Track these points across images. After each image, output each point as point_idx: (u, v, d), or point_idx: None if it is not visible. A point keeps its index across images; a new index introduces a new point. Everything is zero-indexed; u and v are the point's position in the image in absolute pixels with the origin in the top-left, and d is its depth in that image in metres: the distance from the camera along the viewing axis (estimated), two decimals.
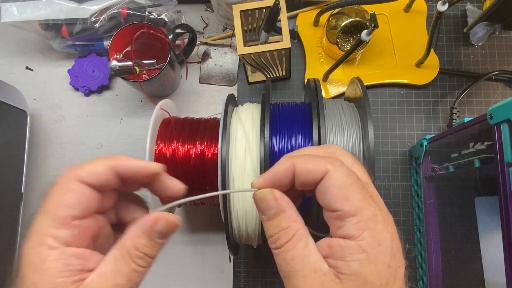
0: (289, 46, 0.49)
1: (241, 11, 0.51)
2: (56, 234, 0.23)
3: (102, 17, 0.58)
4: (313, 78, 0.49)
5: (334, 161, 0.24)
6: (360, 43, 0.50)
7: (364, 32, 0.49)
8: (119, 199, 0.28)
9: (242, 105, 0.50)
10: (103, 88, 0.64)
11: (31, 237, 0.23)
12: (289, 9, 0.63)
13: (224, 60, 0.65)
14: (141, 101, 0.64)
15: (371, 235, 0.22)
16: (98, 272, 0.23)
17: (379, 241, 0.22)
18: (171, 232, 0.26)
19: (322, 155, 0.25)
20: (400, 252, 0.23)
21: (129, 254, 0.24)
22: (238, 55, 0.50)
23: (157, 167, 0.27)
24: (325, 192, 0.24)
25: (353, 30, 0.60)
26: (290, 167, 0.25)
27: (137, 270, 0.24)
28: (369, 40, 0.50)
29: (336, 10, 0.58)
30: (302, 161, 0.24)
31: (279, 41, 0.50)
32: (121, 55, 0.57)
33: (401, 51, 0.61)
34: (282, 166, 0.25)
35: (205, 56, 0.65)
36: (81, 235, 0.24)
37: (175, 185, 0.28)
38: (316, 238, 0.25)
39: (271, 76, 0.60)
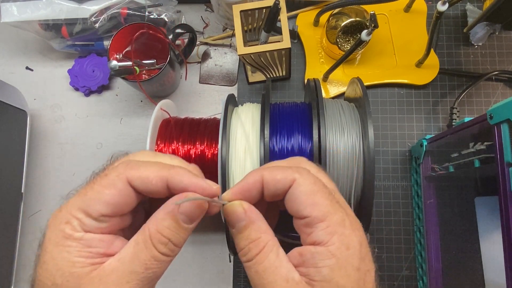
0: (289, 46, 0.49)
1: (241, 11, 0.51)
2: (82, 220, 0.23)
3: (102, 17, 0.58)
4: (313, 78, 0.49)
5: (300, 170, 0.25)
6: (360, 43, 0.50)
7: (364, 32, 0.49)
8: None
9: (242, 105, 0.50)
10: (103, 88, 0.64)
11: (60, 212, 0.23)
12: (289, 9, 0.63)
13: (224, 60, 0.65)
14: (141, 101, 0.64)
15: (340, 239, 0.23)
16: (118, 256, 0.23)
17: (347, 245, 0.23)
18: (199, 215, 0.24)
19: (289, 166, 0.25)
20: (369, 256, 0.24)
21: (151, 238, 0.23)
22: (238, 55, 0.50)
23: (216, 190, 0.24)
24: (293, 200, 0.24)
25: (353, 30, 0.60)
26: (259, 178, 0.25)
27: (157, 257, 0.23)
28: (369, 40, 0.50)
29: (336, 10, 0.58)
30: (270, 171, 0.25)
31: (279, 41, 0.50)
32: (121, 55, 0.57)
33: (401, 51, 0.61)
34: (251, 178, 0.25)
35: (205, 56, 0.65)
36: (107, 229, 0.24)
37: (211, 185, 0.25)
38: (287, 248, 0.25)
39: (271, 76, 0.60)
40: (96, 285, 0.22)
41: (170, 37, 0.57)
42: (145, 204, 0.28)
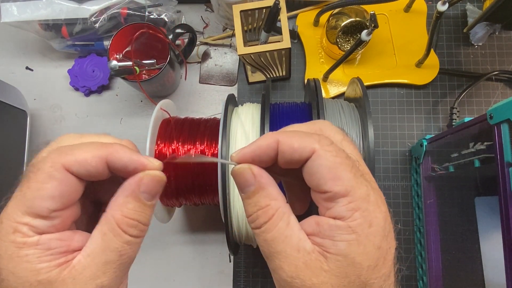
0: (289, 46, 0.49)
1: (241, 11, 0.51)
2: (31, 223, 0.21)
3: (102, 17, 0.58)
4: (313, 78, 0.49)
5: (322, 139, 0.22)
6: (360, 43, 0.50)
7: (364, 32, 0.49)
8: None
9: (242, 105, 0.50)
10: (103, 88, 0.64)
11: (2, 224, 0.21)
12: (289, 9, 0.63)
13: (224, 60, 0.65)
14: (141, 101, 0.64)
15: (363, 215, 0.21)
16: (85, 251, 0.22)
17: (370, 222, 0.21)
18: (159, 189, 0.23)
19: (308, 133, 0.23)
20: (391, 232, 0.22)
21: (118, 224, 0.22)
22: (238, 55, 0.50)
23: (157, 166, 0.23)
24: (313, 173, 0.22)
25: (353, 30, 0.60)
26: (273, 143, 0.23)
27: (130, 241, 0.22)
28: (369, 40, 0.50)
29: (336, 10, 0.58)
30: (287, 137, 0.22)
31: (279, 41, 0.50)
32: (121, 55, 0.57)
33: (401, 51, 0.61)
34: (265, 141, 0.23)
35: (205, 56, 0.65)
36: (61, 224, 0.22)
37: (152, 162, 0.24)
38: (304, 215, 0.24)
39: (271, 76, 0.60)
40: (71, 285, 0.21)
41: (170, 37, 0.57)
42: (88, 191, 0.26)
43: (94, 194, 0.27)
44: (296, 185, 0.26)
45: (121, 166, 0.23)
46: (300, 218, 0.24)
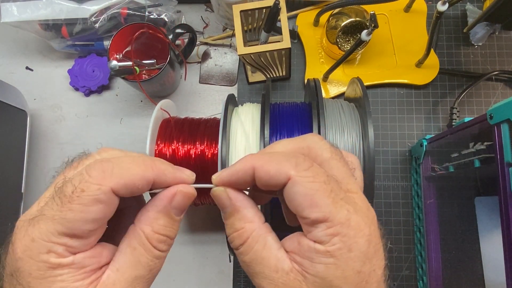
0: (289, 46, 0.49)
1: (241, 11, 0.51)
2: (68, 244, 0.20)
3: (102, 17, 0.58)
4: (313, 78, 0.49)
5: (300, 163, 0.22)
6: (360, 43, 0.50)
7: (364, 32, 0.49)
8: None
9: (242, 105, 0.50)
10: (103, 88, 0.64)
11: (34, 242, 0.20)
12: (289, 9, 0.63)
13: (224, 60, 0.65)
14: (141, 101, 0.64)
15: (342, 240, 0.21)
16: (114, 266, 0.22)
17: (349, 247, 0.21)
18: (188, 204, 0.24)
19: (289, 155, 0.23)
20: (378, 253, 0.22)
21: (149, 240, 0.22)
22: (238, 55, 0.50)
23: (193, 179, 0.24)
24: (290, 199, 0.22)
25: (353, 30, 0.60)
26: (249, 169, 0.22)
27: (159, 256, 0.22)
28: (369, 40, 0.50)
29: (336, 10, 0.58)
30: (264, 163, 0.22)
31: (279, 41, 0.50)
32: (121, 55, 0.57)
33: (401, 51, 0.61)
34: (241, 166, 0.23)
35: (205, 56, 0.65)
36: (94, 241, 0.22)
37: (190, 176, 0.24)
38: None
39: (271, 76, 0.60)
40: None
41: (170, 37, 0.57)
42: None
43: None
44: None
45: (165, 185, 0.23)
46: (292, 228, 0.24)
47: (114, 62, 0.52)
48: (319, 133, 0.41)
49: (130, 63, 0.54)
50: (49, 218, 0.20)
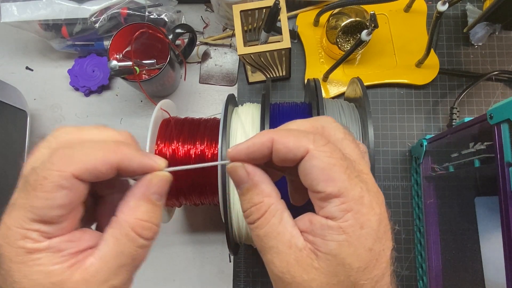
0: (289, 46, 0.49)
1: (241, 11, 0.51)
2: (41, 229, 0.21)
3: (102, 17, 0.58)
4: (313, 78, 0.49)
5: (317, 139, 0.22)
6: (360, 43, 0.50)
7: (364, 32, 0.49)
8: None
9: (242, 105, 0.50)
10: (103, 88, 0.64)
11: (9, 230, 0.21)
12: (289, 9, 0.63)
13: (224, 60, 0.65)
14: (141, 101, 0.64)
15: (355, 217, 0.21)
16: (98, 254, 0.22)
17: (362, 223, 0.21)
18: (167, 188, 0.24)
19: (305, 131, 0.23)
20: (387, 234, 0.22)
21: (133, 228, 0.22)
22: (238, 55, 0.50)
23: (164, 165, 0.24)
24: (306, 173, 0.22)
25: (353, 30, 0.60)
26: (268, 141, 0.23)
27: (143, 245, 0.23)
28: (369, 40, 0.50)
29: (336, 10, 0.58)
30: (282, 136, 0.22)
31: (279, 41, 0.50)
32: (121, 55, 0.57)
33: (401, 51, 0.61)
34: (259, 139, 0.23)
35: (205, 56, 0.65)
36: (69, 226, 0.22)
37: (159, 163, 0.24)
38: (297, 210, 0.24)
39: (271, 76, 0.60)
40: (83, 287, 0.21)
41: (170, 37, 0.57)
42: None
43: (92, 188, 0.27)
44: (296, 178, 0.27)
45: (130, 170, 0.23)
46: (299, 211, 0.24)
47: (114, 62, 0.52)
48: None
49: (130, 63, 0.54)
50: (21, 206, 0.21)
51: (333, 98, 0.59)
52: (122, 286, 0.23)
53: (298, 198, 0.26)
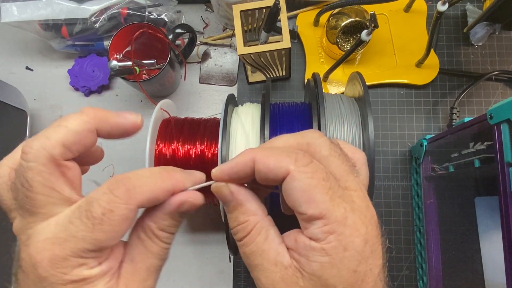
0: (289, 46, 0.49)
1: (241, 11, 0.51)
2: (97, 256, 0.22)
3: (102, 17, 0.58)
4: (313, 73, 0.49)
5: (299, 159, 0.22)
6: (360, 43, 0.50)
7: (364, 32, 0.49)
8: None
9: (242, 105, 0.50)
10: (103, 88, 0.64)
11: (61, 262, 0.21)
12: (289, 9, 0.63)
13: (224, 60, 0.65)
14: (141, 101, 0.64)
15: (337, 239, 0.21)
16: (129, 257, 0.23)
17: (345, 246, 0.21)
18: (193, 211, 0.25)
19: (289, 150, 0.23)
20: (375, 253, 0.22)
21: (157, 236, 0.23)
22: (238, 55, 0.50)
23: (202, 181, 0.26)
24: (288, 194, 0.22)
25: (353, 30, 0.60)
26: (250, 161, 0.23)
27: (166, 247, 0.24)
28: (369, 40, 0.50)
29: (336, 10, 0.58)
30: (264, 157, 0.22)
31: (279, 41, 0.50)
32: (121, 55, 0.57)
33: (401, 51, 0.61)
34: (241, 159, 0.23)
35: (205, 56, 0.65)
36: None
37: (199, 178, 0.26)
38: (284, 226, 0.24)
39: (271, 76, 0.60)
40: None
41: (170, 37, 0.57)
42: None
43: None
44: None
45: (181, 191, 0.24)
46: (289, 224, 0.24)
47: (114, 62, 0.52)
48: (319, 125, 0.41)
49: (130, 63, 0.54)
50: (80, 239, 0.21)
51: None
52: (154, 287, 0.24)
53: (289, 209, 0.27)
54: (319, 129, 0.41)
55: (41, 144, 0.22)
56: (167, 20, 0.60)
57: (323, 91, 0.45)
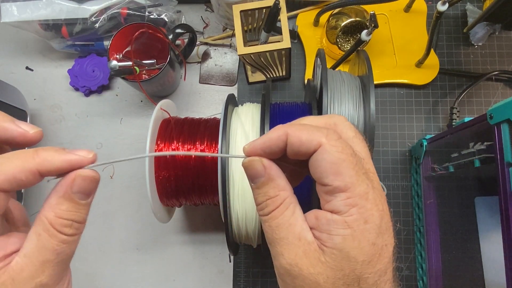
0: (289, 46, 0.49)
1: (241, 11, 0.51)
2: None
3: (102, 17, 0.58)
4: (318, 48, 0.49)
5: (330, 134, 0.23)
6: (360, 43, 0.50)
7: (364, 32, 0.49)
8: None
9: (242, 105, 0.50)
10: (103, 88, 0.64)
11: None
12: (289, 9, 0.63)
13: (224, 60, 0.65)
14: (141, 101, 0.64)
15: (359, 212, 0.22)
16: (22, 252, 0.22)
17: (366, 218, 0.22)
18: (94, 188, 0.24)
19: (319, 126, 0.24)
20: (389, 230, 0.23)
21: (52, 225, 0.22)
22: (238, 55, 0.50)
23: (93, 158, 0.23)
24: (317, 166, 0.23)
25: (353, 30, 0.60)
26: (283, 135, 0.23)
27: (66, 240, 0.22)
28: (369, 40, 0.50)
29: (336, 10, 0.58)
30: (296, 130, 0.23)
31: (279, 41, 0.50)
32: (121, 55, 0.57)
33: (401, 51, 0.61)
34: (275, 134, 0.24)
35: (205, 56, 0.65)
36: None
37: (86, 156, 0.23)
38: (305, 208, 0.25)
39: (271, 76, 0.60)
40: (11, 286, 0.21)
41: (170, 37, 0.57)
42: None
43: None
44: (295, 173, 0.27)
45: (55, 170, 0.23)
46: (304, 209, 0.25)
47: (114, 62, 0.52)
48: (320, 104, 0.41)
49: (130, 63, 0.54)
50: None
51: None
52: (53, 283, 0.23)
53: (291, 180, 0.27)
54: (323, 104, 0.41)
55: None
56: (167, 20, 0.60)
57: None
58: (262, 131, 0.41)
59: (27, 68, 0.66)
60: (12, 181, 0.21)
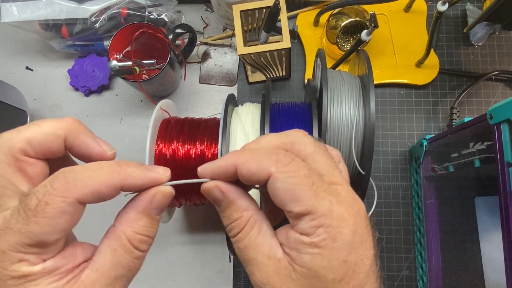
0: (289, 46, 0.49)
1: (241, 11, 0.51)
2: (38, 252, 0.21)
3: (102, 17, 0.58)
4: (318, 48, 0.49)
5: (280, 159, 0.22)
6: (360, 43, 0.50)
7: (364, 32, 0.49)
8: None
9: (242, 105, 0.50)
10: (103, 88, 0.64)
11: (2, 255, 0.20)
12: (289, 9, 0.63)
13: (224, 60, 0.65)
14: (141, 101, 0.64)
15: (326, 231, 0.21)
16: (94, 265, 0.22)
17: (334, 237, 0.21)
18: (168, 203, 0.24)
19: (270, 151, 0.23)
20: (365, 243, 0.22)
21: (130, 241, 0.22)
22: (238, 55, 0.50)
23: (168, 177, 0.24)
24: (273, 195, 0.22)
25: (353, 30, 0.60)
26: (231, 166, 0.23)
27: (140, 256, 0.23)
28: (369, 40, 0.50)
29: (336, 10, 0.58)
30: (245, 161, 0.23)
31: (279, 41, 0.50)
32: (121, 55, 0.57)
33: (401, 51, 0.61)
34: (223, 162, 0.23)
35: (205, 56, 0.65)
36: (62, 244, 0.22)
37: (163, 174, 0.24)
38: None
39: (271, 76, 0.60)
40: None
41: (170, 37, 0.57)
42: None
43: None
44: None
45: (137, 187, 0.23)
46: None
47: (114, 62, 0.52)
48: (320, 104, 0.41)
49: (130, 63, 0.54)
50: (16, 231, 0.20)
51: None
52: None
53: (272, 217, 0.26)
54: (323, 104, 0.41)
55: (10, 135, 0.22)
56: (167, 20, 0.60)
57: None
58: (262, 131, 0.41)
59: (27, 68, 0.66)
60: (95, 194, 0.21)
